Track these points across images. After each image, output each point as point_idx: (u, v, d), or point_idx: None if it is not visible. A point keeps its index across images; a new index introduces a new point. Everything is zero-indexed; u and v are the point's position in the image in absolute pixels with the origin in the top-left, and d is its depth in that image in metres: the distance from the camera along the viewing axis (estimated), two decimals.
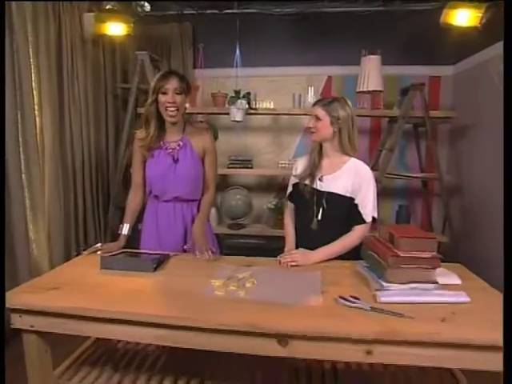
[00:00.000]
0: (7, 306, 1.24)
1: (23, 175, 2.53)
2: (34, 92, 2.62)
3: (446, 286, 1.30)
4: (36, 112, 2.64)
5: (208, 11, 3.57)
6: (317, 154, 1.72)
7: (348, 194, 1.64)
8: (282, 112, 3.33)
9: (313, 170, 1.70)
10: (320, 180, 1.68)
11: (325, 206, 1.64)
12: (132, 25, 2.87)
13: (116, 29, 2.85)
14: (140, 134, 1.83)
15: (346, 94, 3.59)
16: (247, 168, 3.20)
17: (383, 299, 1.23)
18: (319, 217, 1.65)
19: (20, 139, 2.48)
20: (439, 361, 1.10)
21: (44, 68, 2.69)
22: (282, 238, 1.89)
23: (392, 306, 1.18)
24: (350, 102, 1.68)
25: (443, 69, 3.46)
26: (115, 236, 3.28)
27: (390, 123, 3.34)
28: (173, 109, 1.71)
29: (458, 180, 3.30)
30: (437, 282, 1.29)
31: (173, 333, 1.17)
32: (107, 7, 2.83)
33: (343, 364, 1.50)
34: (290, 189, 1.84)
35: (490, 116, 2.86)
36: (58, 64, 2.84)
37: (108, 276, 1.46)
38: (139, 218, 1.97)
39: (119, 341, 1.67)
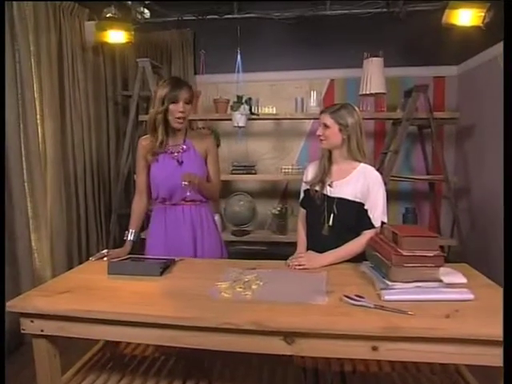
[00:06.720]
0: (17, 311, 1.23)
1: (26, 184, 2.50)
2: (36, 101, 2.60)
3: (451, 285, 1.27)
4: (38, 121, 2.62)
5: (208, 17, 3.57)
6: (326, 161, 1.70)
7: (357, 200, 1.62)
8: (284, 117, 3.30)
9: (323, 176, 1.69)
10: (330, 186, 1.66)
11: (335, 211, 1.62)
12: (133, 32, 2.84)
13: (117, 37, 2.83)
14: (145, 140, 1.84)
15: (349, 96, 3.59)
16: (250, 174, 3.16)
17: (387, 297, 1.22)
18: (330, 222, 1.63)
19: (22, 148, 2.45)
20: (442, 357, 1.11)
21: (46, 77, 2.67)
22: (286, 244, 1.86)
23: (396, 304, 1.18)
24: (357, 109, 1.67)
25: (447, 69, 3.43)
26: (117, 243, 3.30)
27: (394, 125, 3.30)
28: (182, 118, 1.74)
29: (465, 182, 3.25)
30: (441, 281, 1.26)
31: (181, 333, 1.17)
32: (108, 15, 2.81)
33: (351, 366, 1.50)
34: (301, 195, 1.82)
35: (496, 115, 2.82)
36: (59, 72, 2.83)
37: (116, 280, 1.47)
38: (142, 227, 1.95)
39: (126, 346, 1.66)
